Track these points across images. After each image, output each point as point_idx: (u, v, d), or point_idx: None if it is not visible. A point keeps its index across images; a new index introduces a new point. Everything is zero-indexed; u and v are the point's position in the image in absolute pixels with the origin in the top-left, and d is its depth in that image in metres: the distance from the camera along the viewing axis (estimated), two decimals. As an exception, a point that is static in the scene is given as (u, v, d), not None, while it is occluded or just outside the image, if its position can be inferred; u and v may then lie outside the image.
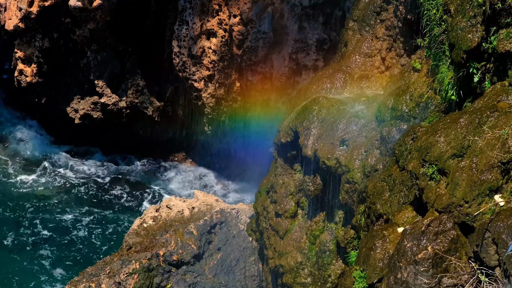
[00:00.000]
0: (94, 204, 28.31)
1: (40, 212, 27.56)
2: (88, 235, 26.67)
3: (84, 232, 26.83)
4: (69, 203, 28.17)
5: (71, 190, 28.85)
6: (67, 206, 28.01)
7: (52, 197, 28.51)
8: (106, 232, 26.84)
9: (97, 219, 27.48)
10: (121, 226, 27.16)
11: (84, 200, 28.44)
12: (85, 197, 28.64)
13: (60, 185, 29.10)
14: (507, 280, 11.33)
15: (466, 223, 12.50)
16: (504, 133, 12.39)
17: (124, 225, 27.22)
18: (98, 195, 28.81)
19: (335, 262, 18.19)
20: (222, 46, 25.61)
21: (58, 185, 29.07)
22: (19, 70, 28.51)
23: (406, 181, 14.49)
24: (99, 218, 27.54)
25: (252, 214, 21.72)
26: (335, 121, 17.89)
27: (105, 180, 29.62)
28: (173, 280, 20.52)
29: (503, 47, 13.63)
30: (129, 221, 27.25)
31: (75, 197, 28.57)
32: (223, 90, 26.43)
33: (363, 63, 19.24)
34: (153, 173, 30.05)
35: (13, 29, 27.58)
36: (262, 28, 24.48)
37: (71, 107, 29.21)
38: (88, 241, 26.40)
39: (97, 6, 26.16)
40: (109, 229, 27.06)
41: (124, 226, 27.12)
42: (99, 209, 28.04)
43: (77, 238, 26.49)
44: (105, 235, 26.72)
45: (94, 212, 27.77)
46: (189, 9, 25.94)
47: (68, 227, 26.92)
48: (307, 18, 24.19)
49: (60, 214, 27.56)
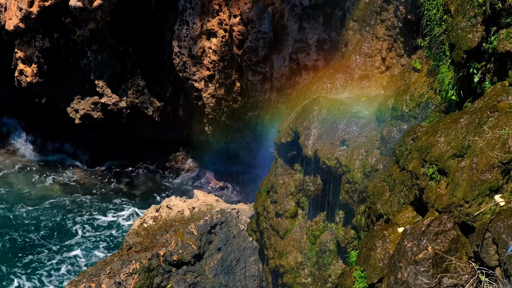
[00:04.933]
0: (94, 204, 28.31)
1: (39, 212, 27.58)
2: (88, 235, 26.67)
3: (84, 232, 26.84)
4: (69, 203, 28.16)
5: (70, 190, 28.86)
6: (67, 206, 28.01)
7: (49, 197, 28.56)
8: (106, 232, 26.84)
9: (97, 219, 27.48)
10: (121, 226, 27.17)
11: (84, 200, 28.44)
12: (85, 197, 28.64)
13: (59, 185, 29.11)
14: (507, 280, 11.33)
15: (466, 223, 12.49)
16: (505, 133, 12.39)
17: (124, 225, 27.22)
18: (98, 195, 28.82)
19: (336, 262, 18.19)
20: (223, 46, 25.61)
21: (56, 185, 29.08)
22: (19, 70, 28.51)
23: (406, 181, 14.49)
24: (99, 218, 27.54)
25: (252, 214, 21.72)
26: (335, 121, 17.89)
27: (105, 179, 29.61)
28: (173, 280, 20.53)
29: (504, 47, 13.63)
30: (129, 221, 27.25)
31: (75, 197, 28.58)
32: (223, 90, 26.43)
33: (363, 63, 19.24)
34: (153, 173, 30.05)
35: (13, 29, 27.59)
36: (262, 28, 24.48)
37: (71, 107, 29.21)
38: (88, 241, 26.40)
39: (97, 6, 26.16)
40: (109, 229, 27.06)
41: (124, 226, 27.12)
42: (99, 209, 28.03)
43: (77, 238, 26.50)
44: (105, 235, 26.72)
45: (94, 212, 27.77)
46: (189, 9, 25.94)
47: (68, 227, 26.92)
48: (307, 18, 24.19)
49: (59, 214, 27.56)
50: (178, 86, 28.19)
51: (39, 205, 28.01)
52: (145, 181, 29.63)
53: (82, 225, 27.12)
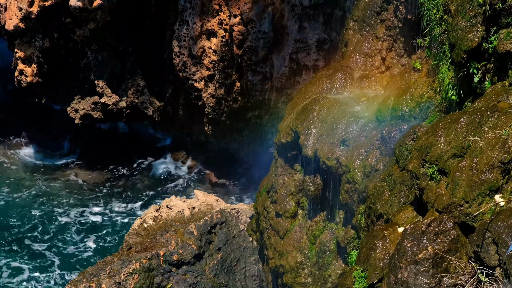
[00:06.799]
0: (93, 204, 28.31)
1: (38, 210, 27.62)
2: (88, 235, 26.69)
3: (84, 231, 26.86)
4: (68, 203, 28.18)
5: (70, 190, 28.86)
6: (66, 205, 28.02)
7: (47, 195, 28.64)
8: (106, 232, 26.85)
9: (97, 219, 27.49)
10: (121, 226, 27.17)
11: (83, 200, 28.44)
12: (85, 197, 28.65)
13: (57, 184, 29.11)
14: (507, 280, 11.33)
15: (466, 223, 12.50)
16: (505, 133, 12.40)
17: (124, 225, 27.23)
18: (98, 195, 28.82)
19: (336, 262, 18.20)
20: (223, 46, 25.61)
21: (54, 185, 29.09)
22: (19, 70, 28.51)
23: (406, 181, 14.49)
24: (99, 218, 27.54)
25: (252, 214, 21.73)
26: (335, 121, 17.90)
27: (104, 180, 29.62)
28: (173, 280, 20.53)
29: (504, 47, 13.63)
30: (129, 221, 27.26)
31: (74, 197, 28.58)
32: (223, 90, 26.43)
33: (363, 63, 19.24)
34: (153, 173, 30.05)
35: (13, 29, 27.58)
36: (262, 28, 24.49)
37: (71, 107, 29.22)
38: (88, 241, 26.41)
39: (97, 6, 26.15)
40: (109, 229, 27.07)
41: (124, 226, 27.13)
42: (99, 209, 28.04)
43: (77, 237, 26.50)
44: (105, 234, 26.73)
45: (94, 212, 27.78)
46: (189, 9, 25.94)
47: (67, 227, 26.93)
48: (307, 18, 24.18)
49: (58, 214, 27.57)
50: (178, 86, 28.18)
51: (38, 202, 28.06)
52: (145, 180, 29.63)
53: (81, 224, 27.13)
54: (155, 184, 29.50)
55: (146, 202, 28.39)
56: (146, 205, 28.09)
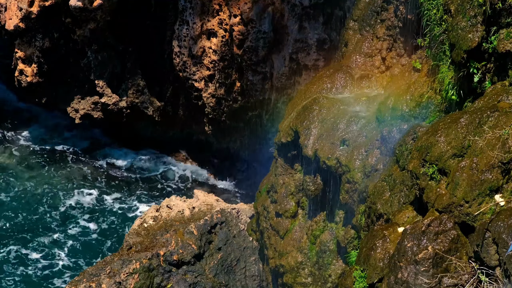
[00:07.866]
0: (93, 204, 28.31)
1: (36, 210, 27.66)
2: (87, 235, 26.69)
3: (83, 231, 26.85)
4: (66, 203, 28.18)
5: (69, 190, 28.87)
6: (65, 205, 28.02)
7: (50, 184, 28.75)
8: (106, 232, 26.85)
9: (96, 219, 27.50)
10: (121, 226, 27.17)
11: (83, 200, 28.44)
12: (85, 197, 28.64)
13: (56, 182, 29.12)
14: (508, 280, 11.33)
15: (466, 223, 12.50)
16: (505, 133, 12.40)
17: (124, 225, 27.23)
18: (98, 195, 28.82)
19: (336, 262, 18.21)
20: (223, 46, 25.62)
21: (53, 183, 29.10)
22: (19, 70, 28.52)
23: (406, 181, 14.50)
24: (99, 218, 27.55)
25: (253, 214, 21.74)
26: (335, 121, 17.90)
27: (104, 179, 29.62)
28: (173, 280, 20.54)
29: (504, 47, 13.64)
30: (129, 220, 27.26)
31: (74, 197, 28.58)
32: (224, 90, 26.43)
33: (363, 63, 19.25)
34: (153, 173, 30.05)
35: (13, 29, 27.58)
36: (262, 28, 24.49)
37: (72, 107, 29.22)
38: (88, 240, 26.42)
39: (97, 6, 26.15)
40: (109, 228, 27.07)
41: (124, 226, 27.13)
42: (98, 209, 28.04)
43: (77, 237, 26.51)
44: (105, 234, 26.73)
45: (94, 212, 27.79)
46: (190, 9, 25.94)
47: (67, 226, 26.94)
48: (307, 18, 24.19)
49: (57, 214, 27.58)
50: (178, 86, 28.18)
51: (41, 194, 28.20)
52: (145, 180, 29.64)
53: (81, 223, 27.13)
54: (155, 184, 29.49)
55: (146, 202, 28.39)
56: (146, 205, 28.10)
